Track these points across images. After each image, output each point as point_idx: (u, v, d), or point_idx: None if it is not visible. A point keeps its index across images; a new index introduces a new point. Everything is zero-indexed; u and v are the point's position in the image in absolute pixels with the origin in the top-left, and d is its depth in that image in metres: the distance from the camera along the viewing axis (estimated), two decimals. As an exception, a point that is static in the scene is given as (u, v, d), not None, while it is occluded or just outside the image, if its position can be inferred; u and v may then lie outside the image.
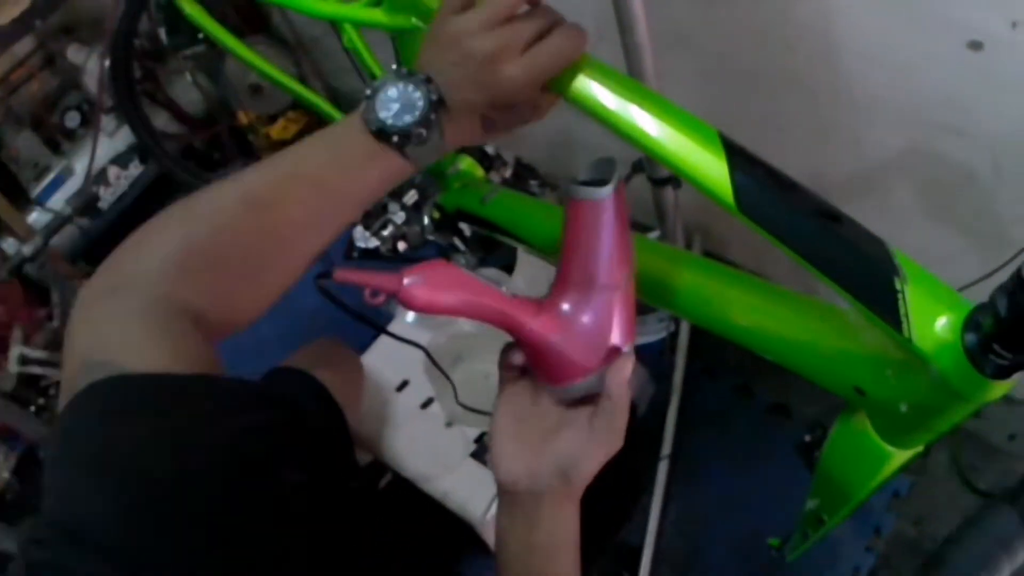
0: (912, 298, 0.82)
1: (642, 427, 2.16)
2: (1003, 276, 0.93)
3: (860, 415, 1.01)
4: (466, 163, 1.77)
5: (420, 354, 1.89)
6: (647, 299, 1.17)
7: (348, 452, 1.61)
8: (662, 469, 2.10)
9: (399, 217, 1.60)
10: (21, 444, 2.67)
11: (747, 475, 2.13)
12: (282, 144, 3.10)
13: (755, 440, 2.17)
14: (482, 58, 0.92)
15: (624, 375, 0.95)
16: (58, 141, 3.00)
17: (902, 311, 0.82)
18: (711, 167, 0.90)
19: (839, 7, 1.64)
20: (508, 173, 1.84)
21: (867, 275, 0.86)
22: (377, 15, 1.34)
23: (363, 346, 2.12)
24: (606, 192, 0.90)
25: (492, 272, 2.13)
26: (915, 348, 0.82)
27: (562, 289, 0.96)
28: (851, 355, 0.97)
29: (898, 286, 0.83)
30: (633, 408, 1.98)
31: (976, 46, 1.50)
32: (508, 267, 2.14)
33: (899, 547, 2.03)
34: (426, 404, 2.01)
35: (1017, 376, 0.78)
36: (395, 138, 0.93)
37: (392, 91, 0.93)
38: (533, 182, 2.47)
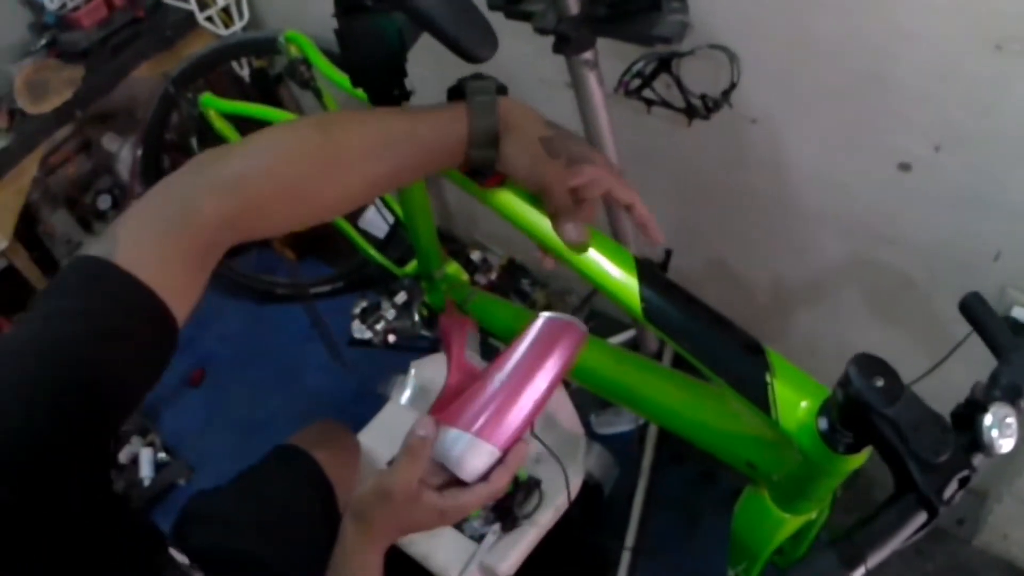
0: (779, 389, 1.04)
1: (611, 508, 2.32)
2: (946, 371, 1.14)
3: (760, 487, 1.21)
4: (452, 268, 1.95)
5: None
6: (596, 391, 1.40)
7: (331, 524, 1.75)
8: (625, 559, 2.22)
9: (390, 314, 1.79)
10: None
11: (708, 555, 2.28)
12: (297, 236, 3.31)
13: (716, 522, 2.31)
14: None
15: (475, 465, 1.07)
16: (90, 220, 3.21)
17: (771, 399, 1.03)
18: (624, 283, 1.13)
19: (786, 133, 1.85)
20: (493, 276, 2.01)
21: (743, 370, 1.07)
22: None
23: (361, 424, 2.29)
24: (543, 317, 1.16)
25: (478, 362, 2.32)
26: (781, 429, 1.03)
27: (492, 364, 1.16)
28: (743, 435, 1.18)
29: (768, 379, 1.04)
30: (599, 489, 2.17)
31: (905, 167, 1.71)
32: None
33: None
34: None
35: (867, 451, 0.99)
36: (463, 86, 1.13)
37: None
38: (524, 280, 2.68)
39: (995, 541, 2.22)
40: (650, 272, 1.13)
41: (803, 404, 1.02)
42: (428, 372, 2.28)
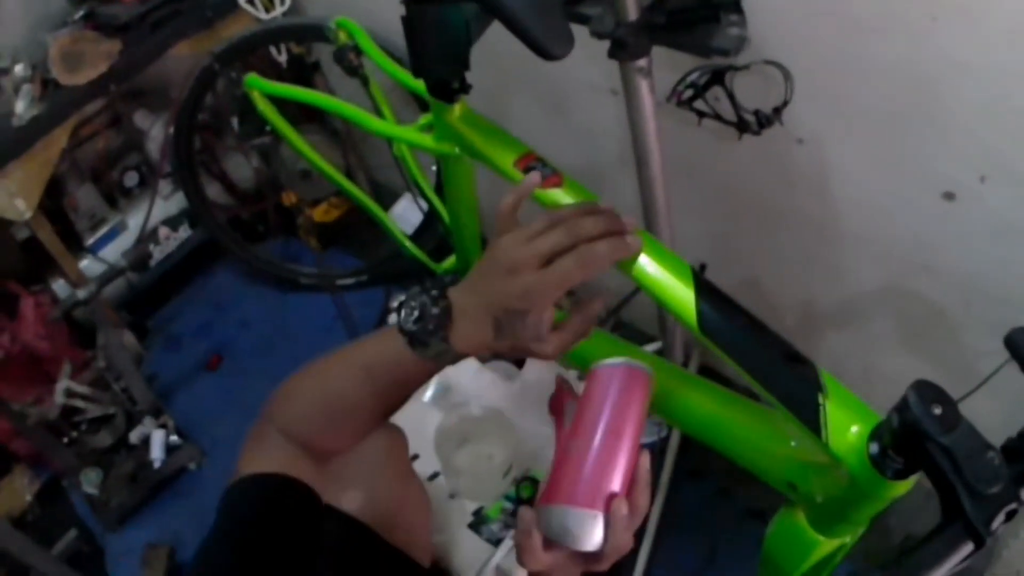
0: (831, 411, 1.04)
1: None
2: (971, 404, 1.14)
3: (796, 508, 1.22)
4: None
5: (431, 430, 2.11)
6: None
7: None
8: (641, 560, 2.23)
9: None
10: (47, 472, 2.87)
11: (720, 572, 2.28)
12: (323, 226, 3.35)
13: (731, 540, 2.30)
14: (505, 267, 1.08)
15: (587, 534, 1.09)
16: (115, 197, 3.21)
17: (822, 421, 1.04)
18: (681, 295, 1.13)
19: (832, 155, 1.85)
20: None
21: (796, 390, 1.08)
22: (427, 140, 1.60)
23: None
24: (609, 364, 1.19)
25: (504, 365, 2.32)
26: (830, 452, 1.03)
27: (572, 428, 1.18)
28: (786, 456, 1.18)
29: (820, 400, 1.05)
30: None
31: (949, 196, 1.71)
32: (520, 362, 2.34)
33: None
34: (433, 477, 2.19)
35: (913, 477, 0.99)
36: (407, 339, 1.15)
37: (414, 302, 1.15)
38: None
39: (1009, 576, 2.21)
40: (706, 284, 1.14)
41: (854, 428, 1.03)
42: (451, 370, 2.28)
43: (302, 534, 1.20)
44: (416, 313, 1.14)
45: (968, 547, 0.90)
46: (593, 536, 1.08)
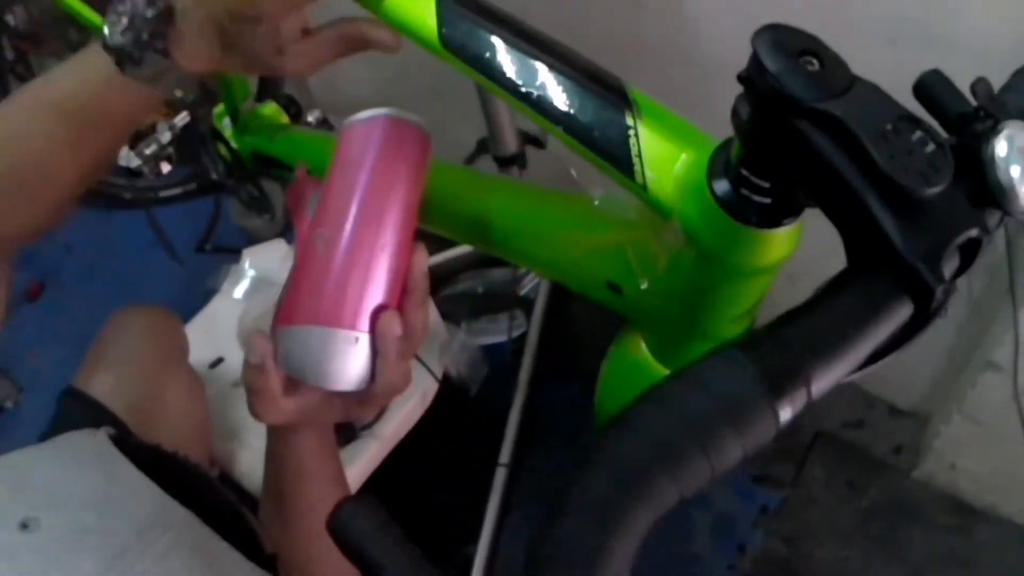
0: (646, 137, 0.62)
1: (480, 417, 2.04)
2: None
3: (633, 338, 0.82)
4: (269, 109, 1.58)
5: (234, 330, 1.79)
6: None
7: None
8: (500, 476, 1.93)
9: (165, 137, 1.42)
10: None
11: None
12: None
13: None
14: None
15: (340, 368, 0.78)
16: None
17: (634, 151, 0.61)
18: (417, 6, 0.72)
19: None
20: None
21: (588, 111, 0.65)
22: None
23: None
24: (366, 116, 0.82)
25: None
26: (651, 197, 0.60)
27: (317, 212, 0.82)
28: (596, 244, 0.76)
29: (629, 122, 0.61)
30: (465, 389, 1.88)
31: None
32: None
33: (767, 567, 1.83)
34: (238, 383, 1.79)
35: (789, 223, 0.57)
36: (115, 56, 0.81)
37: (123, 6, 0.80)
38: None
39: (940, 471, 1.86)
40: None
41: (683, 156, 0.61)
42: (265, 259, 1.97)
43: None
44: (125, 21, 0.80)
45: (905, 308, 0.45)
46: (354, 368, 0.75)
